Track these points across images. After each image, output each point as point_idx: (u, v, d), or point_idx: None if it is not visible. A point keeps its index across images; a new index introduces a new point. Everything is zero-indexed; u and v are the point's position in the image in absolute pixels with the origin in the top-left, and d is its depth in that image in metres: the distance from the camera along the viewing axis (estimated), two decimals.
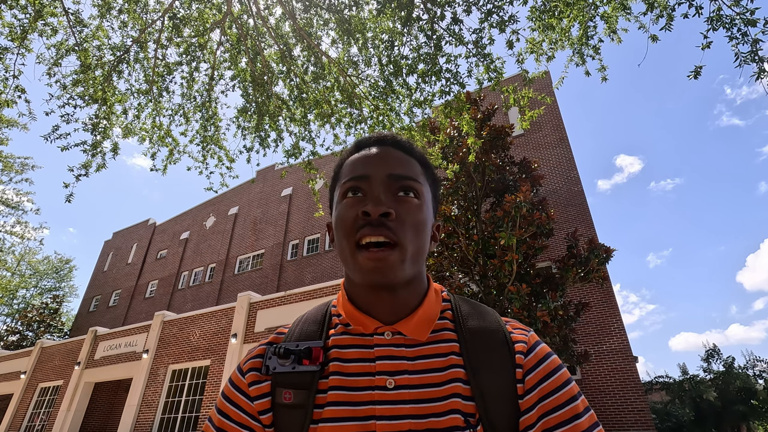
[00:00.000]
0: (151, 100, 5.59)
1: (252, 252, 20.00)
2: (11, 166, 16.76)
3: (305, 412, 0.55)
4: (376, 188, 0.61)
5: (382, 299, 0.61)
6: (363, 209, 0.58)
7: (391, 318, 0.61)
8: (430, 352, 0.59)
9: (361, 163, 0.64)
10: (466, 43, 4.23)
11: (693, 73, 3.14)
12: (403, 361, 0.58)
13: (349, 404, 0.55)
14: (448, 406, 0.53)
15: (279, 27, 5.30)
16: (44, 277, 31.21)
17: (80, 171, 5.00)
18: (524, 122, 4.76)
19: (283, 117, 5.68)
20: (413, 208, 0.61)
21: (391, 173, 0.62)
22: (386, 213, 0.58)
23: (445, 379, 0.56)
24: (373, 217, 0.57)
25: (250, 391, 0.60)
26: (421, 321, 0.61)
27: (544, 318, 6.83)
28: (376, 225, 0.57)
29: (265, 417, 0.58)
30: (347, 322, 0.63)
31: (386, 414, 0.53)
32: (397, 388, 0.55)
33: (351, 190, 0.62)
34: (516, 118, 14.12)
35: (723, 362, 21.17)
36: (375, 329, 0.61)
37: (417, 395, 0.55)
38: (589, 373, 10.48)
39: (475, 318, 0.63)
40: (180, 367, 11.99)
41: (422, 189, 0.64)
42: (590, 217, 12.35)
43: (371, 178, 0.62)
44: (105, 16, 5.09)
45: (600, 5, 3.95)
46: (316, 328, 0.65)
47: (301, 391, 0.57)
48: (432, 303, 0.64)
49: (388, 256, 0.56)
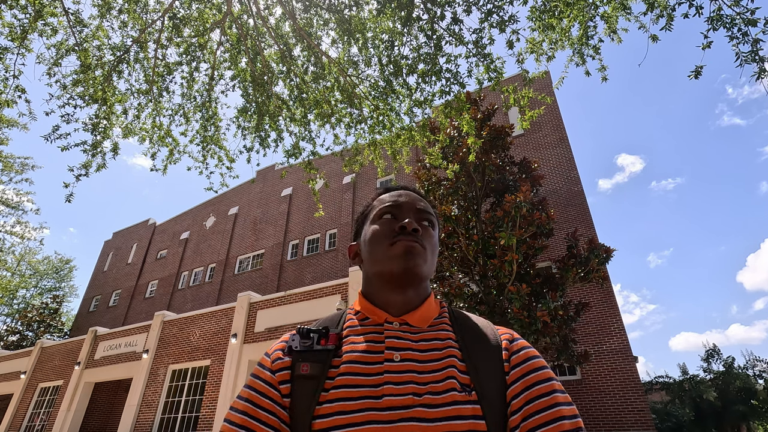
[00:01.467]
0: (151, 100, 5.59)
1: (252, 252, 19.99)
2: (11, 166, 16.76)
3: (318, 382, 0.66)
4: (407, 214, 0.79)
5: (395, 297, 0.75)
6: (400, 224, 0.75)
7: (399, 312, 0.75)
8: (431, 336, 0.72)
9: (396, 197, 0.83)
10: (466, 43, 4.23)
11: (693, 73, 3.13)
12: (408, 341, 0.70)
13: (361, 375, 0.65)
14: (446, 374, 0.65)
15: (279, 27, 5.30)
16: (44, 277, 31.22)
17: (80, 171, 5.00)
18: (524, 122, 4.76)
19: (283, 117, 5.68)
20: (431, 234, 0.80)
21: (419, 207, 0.82)
22: (416, 229, 0.75)
23: (443, 356, 0.68)
24: (408, 228, 0.74)
25: (273, 366, 0.71)
26: (423, 315, 0.75)
27: (544, 318, 6.82)
28: (409, 234, 0.75)
29: (283, 387, 0.68)
30: (363, 317, 0.77)
31: (393, 380, 0.64)
32: (403, 360, 0.67)
33: (388, 214, 0.80)
34: (516, 118, 14.12)
35: (723, 362, 21.17)
36: (385, 320, 0.74)
37: (419, 367, 0.66)
38: (589, 373, 10.47)
39: (468, 320, 0.78)
40: (180, 367, 11.98)
41: (435, 224, 0.84)
42: (590, 217, 12.34)
43: (404, 207, 0.80)
44: (105, 16, 5.09)
45: (600, 5, 3.95)
46: (334, 322, 0.78)
47: (316, 364, 0.68)
48: (432, 304, 0.79)
49: (419, 245, 0.74)
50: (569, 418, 0.63)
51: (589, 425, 10.02)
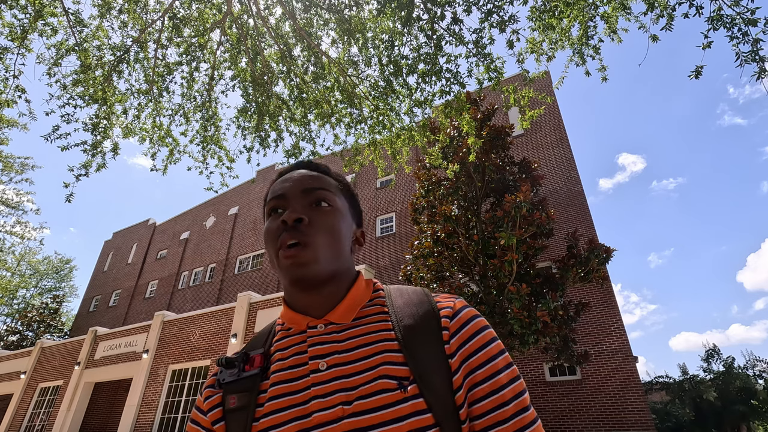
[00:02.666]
0: (151, 100, 5.59)
1: (252, 252, 19.99)
2: (11, 166, 16.76)
3: (248, 412, 0.61)
4: (292, 203, 0.69)
5: (311, 297, 0.67)
6: (281, 219, 0.66)
7: (321, 312, 0.67)
8: (360, 331, 0.64)
9: (279, 186, 0.73)
10: (466, 43, 4.23)
11: (694, 73, 3.13)
12: (333, 344, 0.63)
13: (288, 394, 0.60)
14: (378, 373, 0.58)
15: (279, 27, 5.30)
16: (44, 277, 31.22)
17: (80, 171, 5.00)
18: (524, 122, 4.76)
19: (283, 117, 5.68)
20: (326, 215, 0.69)
21: (305, 188, 0.70)
22: (299, 219, 0.65)
23: (374, 351, 0.61)
24: (289, 223, 0.65)
25: (204, 405, 0.67)
26: (347, 307, 0.67)
27: (544, 318, 6.82)
28: (290, 230, 0.65)
29: (218, 426, 0.64)
30: (288, 327, 0.69)
31: (320, 393, 0.58)
32: (329, 368, 0.60)
33: (273, 210, 0.71)
34: (516, 118, 14.12)
35: (723, 362, 21.18)
36: (307, 324, 0.67)
37: (347, 370, 0.60)
38: (589, 373, 10.47)
39: (404, 296, 0.70)
40: (180, 367, 11.98)
41: (334, 198, 0.72)
42: (590, 217, 12.34)
43: (287, 196, 0.70)
44: (105, 16, 5.09)
45: (600, 5, 3.95)
46: (260, 340, 0.73)
47: (243, 394, 0.63)
48: (360, 291, 0.70)
49: (299, 252, 0.63)
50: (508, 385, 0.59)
51: (589, 425, 10.02)
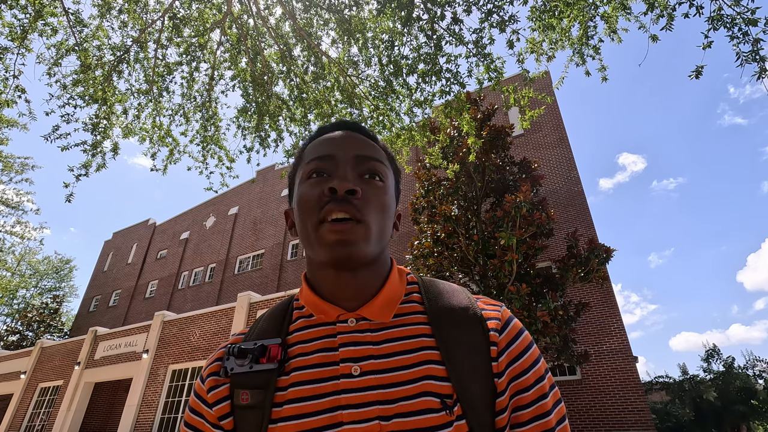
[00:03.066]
0: (151, 100, 5.59)
1: (252, 252, 19.99)
2: (11, 166, 16.76)
3: (263, 413, 0.53)
4: (342, 168, 0.59)
5: (345, 281, 0.58)
6: (329, 185, 0.56)
7: (353, 303, 0.59)
8: (398, 334, 0.57)
9: (327, 144, 0.61)
10: (467, 43, 4.22)
11: (694, 73, 3.13)
12: (368, 346, 0.55)
13: (312, 398, 0.52)
14: (420, 388, 0.51)
15: (279, 27, 5.30)
16: (44, 277, 31.22)
17: (80, 171, 5.00)
18: (524, 122, 4.76)
19: (283, 117, 5.68)
20: (379, 190, 0.59)
21: (359, 154, 0.60)
22: (353, 190, 0.56)
23: (415, 362, 0.54)
24: (339, 193, 0.55)
25: (208, 397, 0.58)
26: (384, 303, 0.59)
27: (544, 318, 6.83)
28: (341, 201, 0.55)
29: (225, 422, 0.56)
30: (309, 313, 0.61)
31: (352, 402, 0.51)
32: (363, 374, 0.53)
33: (315, 172, 0.59)
34: (516, 118, 14.12)
35: (723, 362, 21.18)
36: (337, 317, 0.58)
37: (384, 380, 0.52)
38: (589, 373, 10.47)
39: (444, 297, 0.61)
40: (180, 367, 11.98)
41: (387, 173, 0.63)
42: (590, 217, 12.35)
43: (337, 158, 0.59)
44: (105, 16, 5.09)
45: (600, 5, 3.95)
46: (275, 324, 0.62)
47: (258, 391, 0.54)
48: (396, 284, 0.62)
49: (351, 228, 0.54)
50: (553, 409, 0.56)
51: (589, 425, 10.02)
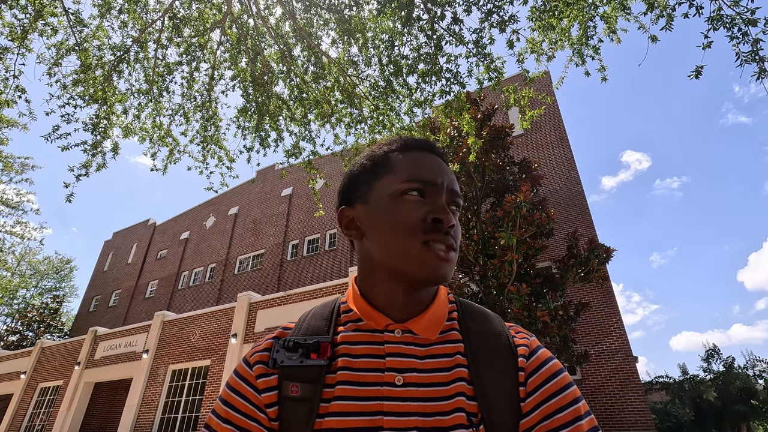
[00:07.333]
0: (151, 100, 5.59)
1: (252, 252, 19.99)
2: (11, 166, 16.77)
3: (312, 406, 0.56)
4: (440, 198, 0.62)
5: (402, 296, 0.62)
6: (434, 216, 0.60)
7: (402, 316, 0.62)
8: (439, 351, 0.60)
9: (428, 168, 0.64)
10: (467, 43, 4.23)
11: (694, 73, 3.13)
12: (412, 359, 0.59)
13: (356, 399, 0.55)
14: (454, 404, 0.55)
15: (279, 27, 5.30)
16: (44, 277, 31.22)
17: (80, 171, 5.00)
18: (524, 122, 4.76)
19: (283, 117, 5.68)
20: (458, 224, 0.64)
21: (452, 188, 0.64)
22: (453, 225, 0.61)
23: (451, 379, 0.57)
24: (445, 226, 0.60)
25: (257, 383, 0.60)
26: (431, 320, 0.62)
27: (544, 318, 6.83)
28: (446, 234, 0.60)
29: (271, 410, 0.59)
30: (357, 318, 0.64)
31: (394, 410, 0.54)
32: (405, 385, 0.56)
33: (417, 192, 0.62)
34: (516, 118, 14.12)
35: (723, 362, 21.19)
36: (386, 326, 0.61)
37: (425, 393, 0.56)
38: (589, 373, 10.47)
39: (480, 321, 0.65)
40: (180, 367, 11.98)
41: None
42: (590, 217, 12.35)
43: (439, 187, 0.63)
44: (105, 16, 5.09)
45: (600, 5, 3.95)
46: (323, 323, 0.65)
47: (308, 385, 0.57)
48: (442, 303, 0.66)
49: (452, 258, 0.60)
50: None
51: None
